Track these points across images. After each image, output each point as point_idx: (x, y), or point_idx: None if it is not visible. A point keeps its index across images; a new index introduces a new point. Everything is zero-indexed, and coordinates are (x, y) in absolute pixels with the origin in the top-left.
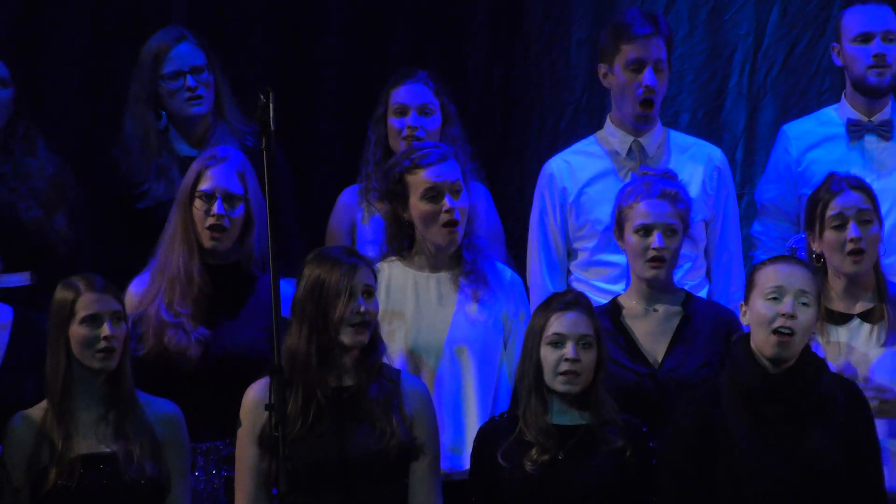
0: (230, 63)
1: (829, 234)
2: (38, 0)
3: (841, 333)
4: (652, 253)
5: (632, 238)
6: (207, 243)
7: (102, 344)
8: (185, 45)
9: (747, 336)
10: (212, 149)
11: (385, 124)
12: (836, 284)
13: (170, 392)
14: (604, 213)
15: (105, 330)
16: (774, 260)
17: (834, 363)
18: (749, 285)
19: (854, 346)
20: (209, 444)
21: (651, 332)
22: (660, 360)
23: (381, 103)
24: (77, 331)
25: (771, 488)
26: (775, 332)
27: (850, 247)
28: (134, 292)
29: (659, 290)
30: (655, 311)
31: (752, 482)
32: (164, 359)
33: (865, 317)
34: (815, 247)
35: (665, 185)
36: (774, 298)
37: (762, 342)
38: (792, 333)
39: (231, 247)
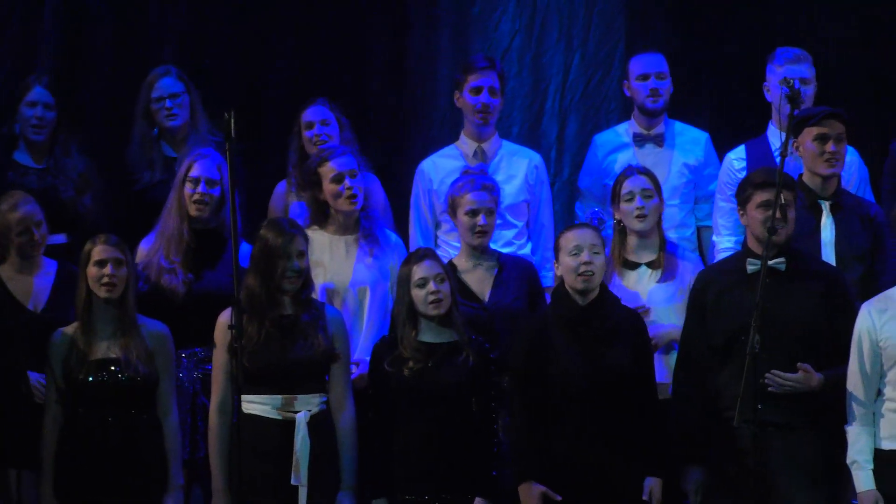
0: (206, 88)
1: (624, 205)
2: (79, 47)
3: (632, 276)
4: (479, 228)
5: (463, 219)
6: (193, 213)
7: (105, 279)
8: (168, 79)
9: (561, 281)
10: (200, 148)
11: (300, 137)
12: (630, 241)
13: (165, 315)
14: None
15: (107, 270)
16: (570, 228)
17: (625, 298)
18: (557, 247)
19: (640, 285)
20: (189, 351)
21: (478, 279)
22: (486, 298)
23: (295, 123)
24: (90, 270)
25: (584, 387)
26: (580, 274)
27: (636, 213)
28: (143, 248)
29: (481, 251)
30: (480, 265)
31: (571, 383)
32: (160, 294)
33: (651, 265)
34: (617, 215)
35: (484, 181)
36: (576, 254)
37: (572, 282)
38: (592, 273)
39: (210, 217)
